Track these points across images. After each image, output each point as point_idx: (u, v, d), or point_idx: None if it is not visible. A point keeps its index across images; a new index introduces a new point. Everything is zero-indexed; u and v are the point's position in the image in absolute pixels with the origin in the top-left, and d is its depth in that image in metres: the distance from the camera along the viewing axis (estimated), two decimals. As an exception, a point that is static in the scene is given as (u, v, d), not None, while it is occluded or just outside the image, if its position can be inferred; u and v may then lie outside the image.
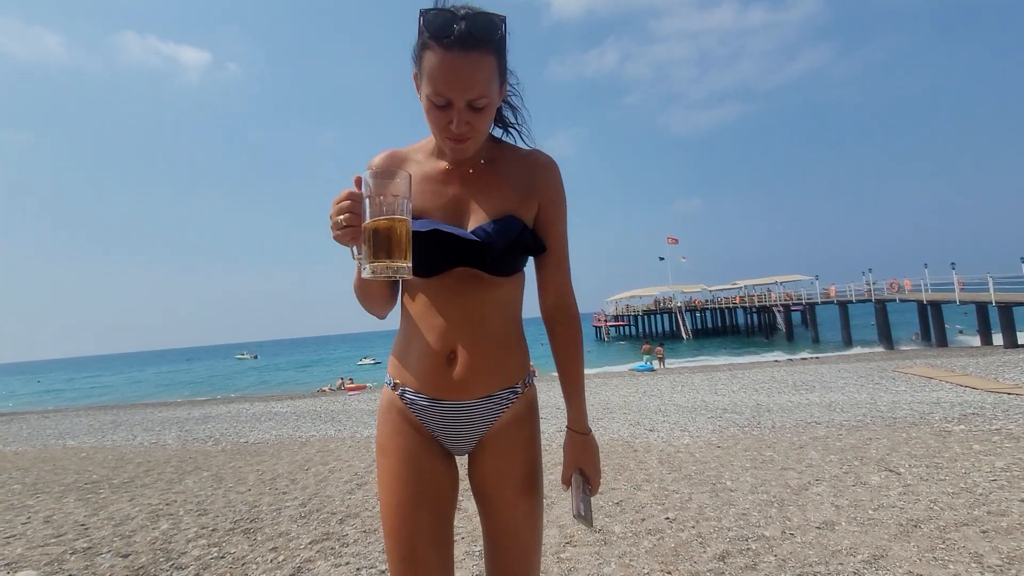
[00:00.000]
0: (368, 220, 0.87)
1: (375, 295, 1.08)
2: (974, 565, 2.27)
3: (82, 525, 3.70)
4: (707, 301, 46.76)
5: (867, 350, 21.28)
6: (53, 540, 3.40)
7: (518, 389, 1.09)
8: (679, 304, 45.58)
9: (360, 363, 39.24)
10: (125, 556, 3.04)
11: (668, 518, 3.10)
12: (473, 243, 0.99)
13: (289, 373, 39.40)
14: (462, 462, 1.13)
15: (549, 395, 10.87)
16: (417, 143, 1.13)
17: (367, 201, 0.87)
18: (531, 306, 1.20)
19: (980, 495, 3.12)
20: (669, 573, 2.42)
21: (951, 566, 2.28)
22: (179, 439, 8.05)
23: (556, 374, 1.15)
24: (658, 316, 49.33)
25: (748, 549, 2.60)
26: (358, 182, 0.89)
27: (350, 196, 0.89)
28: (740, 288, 44.71)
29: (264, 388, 27.51)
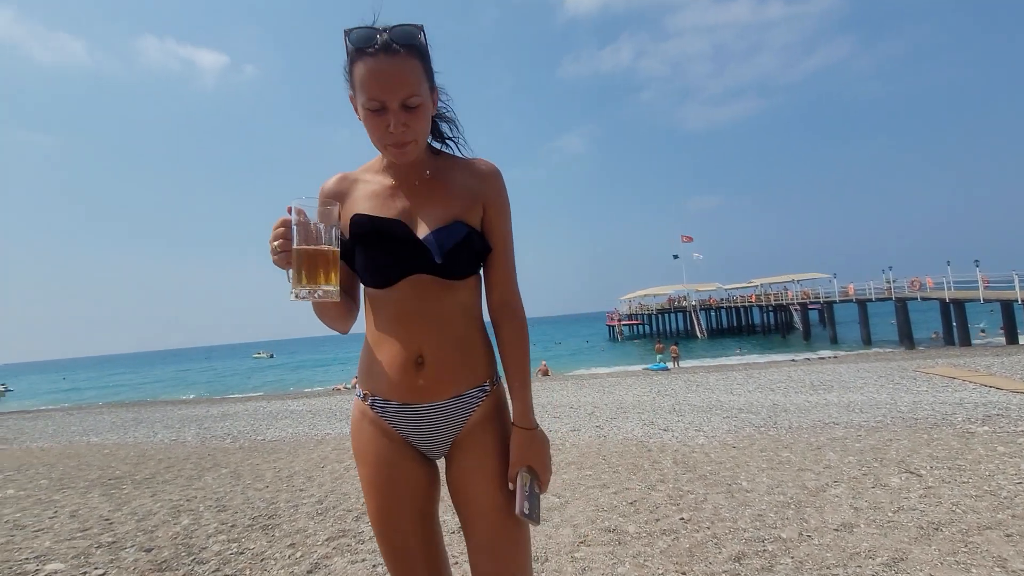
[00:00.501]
0: (295, 246, 0.94)
1: (329, 310, 1.11)
2: (997, 569, 2.23)
3: (106, 520, 3.80)
4: (722, 299, 46.31)
5: (887, 349, 20.90)
6: (79, 534, 3.49)
7: (486, 388, 1.12)
8: (694, 303, 45.21)
9: (374, 362, 39.50)
10: (148, 550, 3.11)
11: (683, 518, 3.08)
12: (421, 249, 1.04)
13: (305, 372, 39.91)
14: (441, 464, 1.15)
15: (561, 394, 10.85)
16: (366, 163, 1.19)
17: (295, 228, 0.94)
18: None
19: (1004, 498, 3.05)
20: (684, 574, 2.40)
21: (974, 570, 2.24)
22: (198, 436, 8.19)
23: (567, 374, 1.16)
24: (672, 315, 48.97)
25: (764, 551, 2.58)
26: (290, 211, 0.95)
27: (283, 223, 0.96)
28: (756, 286, 44.18)
29: (280, 386, 27.88)
